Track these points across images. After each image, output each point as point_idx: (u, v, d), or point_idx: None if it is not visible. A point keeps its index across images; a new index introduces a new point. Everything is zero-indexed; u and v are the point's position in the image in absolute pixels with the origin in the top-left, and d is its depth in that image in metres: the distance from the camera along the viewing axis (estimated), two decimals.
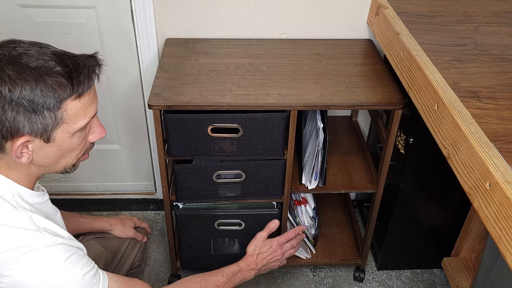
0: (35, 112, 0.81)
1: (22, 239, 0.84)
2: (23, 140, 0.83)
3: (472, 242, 1.60)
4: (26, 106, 0.80)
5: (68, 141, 0.89)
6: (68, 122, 0.86)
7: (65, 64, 0.84)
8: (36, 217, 0.87)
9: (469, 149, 0.90)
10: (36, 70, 0.81)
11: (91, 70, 0.88)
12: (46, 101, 0.81)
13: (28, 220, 0.86)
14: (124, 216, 1.41)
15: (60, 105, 0.83)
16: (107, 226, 1.33)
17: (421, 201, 1.62)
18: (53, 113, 0.83)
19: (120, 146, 1.95)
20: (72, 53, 0.88)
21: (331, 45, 1.63)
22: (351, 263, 1.78)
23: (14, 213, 0.86)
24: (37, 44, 0.85)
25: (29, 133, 0.83)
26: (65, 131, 0.87)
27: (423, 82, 1.12)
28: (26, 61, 0.81)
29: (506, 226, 0.78)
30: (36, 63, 0.81)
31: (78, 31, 1.63)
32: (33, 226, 0.85)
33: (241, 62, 1.49)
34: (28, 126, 0.82)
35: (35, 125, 0.82)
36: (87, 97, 0.88)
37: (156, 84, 1.37)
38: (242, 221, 1.57)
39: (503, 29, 1.35)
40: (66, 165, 0.94)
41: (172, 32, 1.64)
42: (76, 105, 0.86)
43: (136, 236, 1.37)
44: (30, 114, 0.81)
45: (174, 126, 1.33)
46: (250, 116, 1.33)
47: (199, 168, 1.44)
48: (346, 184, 1.55)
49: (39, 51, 0.83)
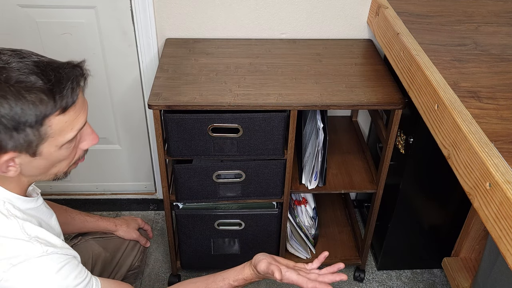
0: (17, 130, 0.78)
1: (12, 249, 0.82)
2: (7, 157, 0.80)
3: (472, 242, 1.60)
4: (6, 124, 0.77)
5: (56, 153, 0.86)
6: (54, 136, 0.83)
7: (47, 77, 0.80)
8: (28, 225, 0.85)
9: (469, 149, 0.90)
10: (16, 87, 0.77)
11: (75, 83, 0.83)
12: (27, 119, 0.78)
13: (19, 229, 0.84)
14: (129, 217, 1.40)
15: (43, 122, 0.80)
16: (112, 226, 1.33)
17: (421, 201, 1.62)
18: (36, 129, 0.80)
19: (120, 146, 1.95)
20: (57, 63, 0.84)
21: (331, 45, 1.63)
22: (351, 263, 1.78)
23: (5, 222, 0.83)
24: (18, 54, 0.81)
25: (13, 149, 0.80)
26: (52, 144, 0.84)
27: (423, 82, 1.12)
28: (6, 76, 0.77)
29: (506, 226, 0.78)
30: (16, 79, 0.77)
31: (78, 31, 1.63)
32: (24, 236, 0.83)
33: (241, 62, 1.49)
34: (11, 143, 0.79)
35: (18, 142, 0.79)
36: (72, 111, 0.84)
37: (156, 84, 1.37)
38: (242, 221, 1.57)
39: (503, 29, 1.35)
40: (57, 173, 0.92)
41: (172, 32, 1.64)
42: (61, 120, 0.82)
43: (140, 239, 1.37)
44: (11, 132, 0.78)
45: (174, 126, 1.33)
46: (250, 116, 1.33)
47: (199, 168, 1.44)
48: (346, 184, 1.55)
49: (20, 63, 0.79)
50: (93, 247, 1.27)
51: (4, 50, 0.81)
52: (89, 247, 1.26)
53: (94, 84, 1.75)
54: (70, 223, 1.27)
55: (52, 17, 1.59)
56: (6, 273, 0.80)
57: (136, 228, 1.38)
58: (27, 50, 0.84)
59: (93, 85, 1.74)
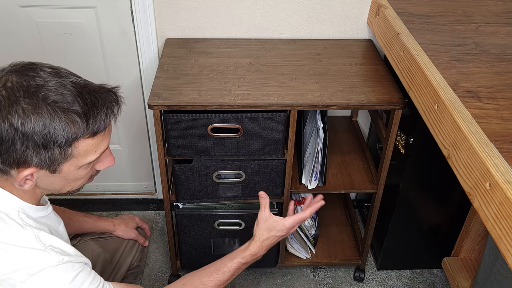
0: (45, 148, 0.80)
1: (29, 259, 0.83)
2: (29, 172, 0.82)
3: (472, 242, 1.60)
4: (37, 142, 0.79)
5: (74, 173, 0.88)
6: (77, 157, 0.85)
7: (84, 100, 0.82)
8: (43, 234, 0.86)
9: (469, 149, 0.90)
10: (52, 107, 0.78)
11: (110, 110, 0.86)
12: (58, 139, 0.80)
13: (34, 238, 0.85)
14: (127, 216, 1.41)
15: (72, 143, 0.82)
16: (111, 226, 1.33)
17: (421, 201, 1.62)
18: (63, 150, 0.82)
19: (120, 146, 1.95)
20: (92, 86, 0.86)
21: (331, 45, 1.63)
22: (351, 263, 1.78)
23: (21, 231, 0.85)
24: (57, 73, 0.83)
25: (36, 165, 0.82)
26: (73, 164, 0.86)
27: (423, 82, 1.12)
28: (44, 95, 0.79)
29: (506, 226, 0.78)
30: (53, 98, 0.79)
31: (78, 31, 1.63)
32: (40, 245, 0.84)
33: (241, 62, 1.49)
34: (36, 159, 0.81)
35: (43, 159, 0.81)
36: (101, 135, 0.86)
37: (156, 84, 1.37)
38: (242, 221, 1.57)
39: (503, 29, 1.35)
40: (71, 190, 0.94)
41: (172, 32, 1.64)
42: (88, 143, 0.84)
43: (138, 238, 1.37)
44: (39, 149, 0.80)
45: (174, 126, 1.33)
46: (250, 116, 1.33)
47: (199, 168, 1.44)
48: (346, 184, 1.55)
49: (59, 83, 0.81)
50: (93, 248, 1.27)
51: (44, 67, 0.83)
52: (88, 247, 1.26)
53: None
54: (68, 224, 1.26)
55: (52, 17, 1.59)
56: (25, 283, 0.81)
57: (134, 227, 1.38)
58: (65, 68, 0.86)
59: None
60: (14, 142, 0.78)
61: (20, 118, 0.77)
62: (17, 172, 0.82)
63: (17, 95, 0.78)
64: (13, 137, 0.78)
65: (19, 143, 0.78)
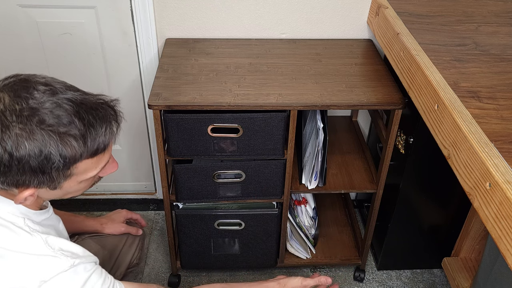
0: (43, 172, 0.78)
1: (41, 266, 0.82)
2: (28, 193, 0.81)
3: (472, 242, 1.60)
4: (33, 167, 0.77)
5: (76, 186, 0.87)
6: (77, 175, 0.84)
7: (81, 120, 0.78)
8: (51, 239, 0.86)
9: (469, 149, 0.90)
10: (46, 131, 0.75)
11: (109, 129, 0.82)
12: (55, 164, 0.78)
13: (43, 244, 0.84)
14: (112, 213, 1.39)
15: (70, 166, 0.80)
16: (98, 226, 1.33)
17: (421, 201, 1.62)
18: (61, 172, 0.80)
19: (120, 146, 1.95)
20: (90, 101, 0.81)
21: (331, 45, 1.63)
22: (351, 263, 1.78)
23: (29, 239, 0.84)
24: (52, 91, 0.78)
25: (36, 186, 0.81)
26: (74, 181, 0.85)
27: (423, 82, 1.12)
28: (38, 119, 0.75)
29: (506, 226, 0.78)
30: (49, 121, 0.75)
31: (78, 31, 1.63)
32: (49, 251, 0.84)
33: (241, 62, 1.49)
34: (35, 182, 0.79)
35: (41, 180, 0.80)
36: (101, 154, 0.84)
37: (156, 84, 1.37)
38: (242, 221, 1.57)
39: (503, 29, 1.35)
40: (73, 197, 0.93)
41: (172, 32, 1.64)
42: (88, 162, 0.83)
43: (129, 230, 1.35)
44: (37, 173, 0.78)
45: (174, 126, 1.33)
46: (250, 116, 1.32)
47: (199, 168, 1.44)
48: (346, 184, 1.55)
49: (54, 103, 0.77)
50: (91, 246, 1.27)
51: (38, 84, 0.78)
52: (86, 246, 1.25)
53: (94, 84, 1.75)
54: None
55: (52, 17, 1.59)
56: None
57: (122, 221, 1.36)
58: (60, 82, 0.82)
59: (93, 85, 1.75)
60: (10, 167, 0.76)
61: (14, 144, 0.74)
62: (18, 191, 0.81)
63: (10, 119, 0.74)
64: (9, 162, 0.75)
65: (15, 168, 0.76)
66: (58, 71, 1.70)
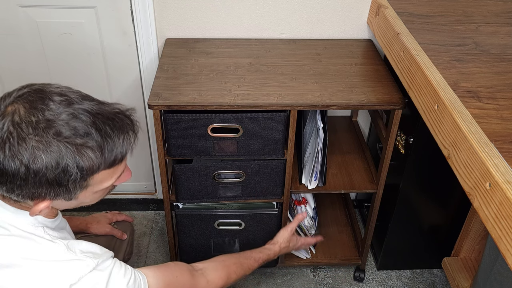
0: (60, 185, 0.77)
1: (67, 270, 0.84)
2: (44, 205, 0.80)
3: (472, 242, 1.60)
4: (50, 179, 0.76)
5: (91, 197, 0.87)
6: (93, 185, 0.83)
7: (98, 131, 0.77)
8: (71, 243, 0.87)
9: (469, 149, 0.90)
10: (64, 143, 0.74)
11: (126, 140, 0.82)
12: (72, 176, 0.77)
13: (66, 249, 0.85)
14: (98, 214, 1.41)
15: (87, 178, 0.80)
16: (83, 225, 1.34)
17: (421, 201, 1.62)
18: (79, 184, 0.80)
19: None
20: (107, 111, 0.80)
21: (331, 45, 1.63)
22: (351, 263, 1.78)
23: (52, 246, 0.85)
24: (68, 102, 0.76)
25: (51, 198, 0.80)
26: (89, 191, 0.84)
27: (423, 82, 1.12)
28: (55, 131, 0.74)
29: (506, 226, 0.78)
30: (66, 133, 0.74)
31: (78, 31, 1.63)
32: (72, 255, 0.85)
33: (241, 62, 1.49)
34: (51, 194, 0.79)
35: (58, 192, 0.79)
36: (118, 165, 0.84)
37: (156, 84, 1.37)
38: (242, 221, 1.57)
39: (503, 29, 1.35)
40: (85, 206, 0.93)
41: (172, 32, 1.64)
42: (104, 173, 0.82)
43: (113, 232, 1.37)
44: (53, 186, 0.77)
45: (174, 126, 1.33)
46: (250, 116, 1.32)
47: (199, 168, 1.44)
48: (346, 184, 1.55)
49: (71, 115, 0.75)
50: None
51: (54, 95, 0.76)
52: None
53: (94, 84, 1.75)
54: None
55: (52, 17, 1.59)
56: None
57: (107, 223, 1.38)
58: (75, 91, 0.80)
59: (93, 85, 1.76)
60: (27, 180, 0.75)
61: (31, 157, 0.73)
62: (33, 203, 0.81)
63: (26, 132, 0.73)
64: (25, 175, 0.74)
65: (31, 181, 0.75)
66: (58, 71, 1.70)
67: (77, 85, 0.85)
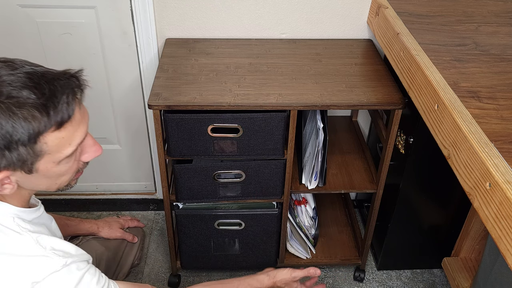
0: (9, 149, 0.74)
1: (32, 267, 0.80)
2: (1, 176, 0.77)
3: (472, 242, 1.60)
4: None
5: (55, 169, 0.82)
6: (51, 153, 0.78)
7: (40, 91, 0.74)
8: (42, 238, 0.83)
9: (469, 149, 0.90)
10: (6, 103, 0.72)
11: (71, 96, 0.78)
12: (19, 137, 0.73)
13: (34, 244, 0.82)
14: (111, 218, 1.40)
15: (37, 139, 0.75)
16: (95, 229, 1.32)
17: (421, 201, 1.62)
18: (29, 147, 0.75)
19: (120, 146, 1.95)
20: (52, 73, 0.78)
21: (331, 45, 1.63)
22: (351, 263, 1.78)
23: (19, 239, 0.82)
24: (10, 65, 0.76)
25: (6, 168, 0.76)
26: (49, 161, 0.80)
27: (423, 82, 1.12)
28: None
29: (506, 226, 0.78)
30: (6, 94, 0.72)
31: (78, 31, 1.63)
32: (40, 251, 0.82)
33: (241, 62, 1.49)
34: (3, 162, 0.75)
35: (11, 160, 0.75)
36: (69, 126, 0.79)
37: (156, 84, 1.37)
38: (242, 221, 1.57)
39: (503, 29, 1.35)
40: (60, 187, 0.89)
41: (172, 32, 1.64)
42: (57, 136, 0.78)
43: (125, 236, 1.36)
44: (3, 151, 0.74)
45: (174, 126, 1.33)
46: (250, 116, 1.32)
47: (199, 168, 1.44)
48: (346, 184, 1.55)
49: (12, 76, 0.74)
50: (96, 247, 1.28)
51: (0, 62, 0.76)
52: (92, 247, 1.27)
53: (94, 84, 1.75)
54: None
55: (52, 17, 1.59)
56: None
57: (119, 227, 1.37)
58: (21, 59, 0.79)
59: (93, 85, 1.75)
60: None
61: None
62: None
63: None
64: None
65: None
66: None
67: None
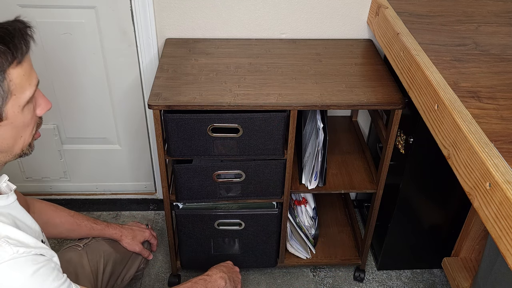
0: None
1: None
2: None
3: (472, 242, 1.60)
4: None
5: (20, 115, 0.83)
6: (16, 94, 0.80)
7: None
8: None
9: (469, 149, 0.90)
10: None
11: (23, 32, 0.83)
12: None
13: None
14: (137, 228, 1.41)
15: (4, 75, 0.78)
16: (118, 236, 1.34)
17: (421, 201, 1.62)
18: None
19: (120, 146, 1.95)
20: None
21: (331, 45, 1.63)
22: (351, 263, 1.78)
23: None
24: None
25: None
26: (15, 104, 0.81)
27: (423, 82, 1.12)
28: None
29: (506, 226, 0.78)
30: None
31: (78, 31, 1.63)
32: None
33: (241, 62, 1.49)
34: None
35: None
36: (26, 63, 0.82)
37: (156, 84, 1.37)
38: (242, 221, 1.57)
39: (503, 29, 1.35)
40: (23, 146, 0.88)
41: (172, 32, 1.64)
42: (19, 73, 0.80)
43: (142, 252, 1.38)
44: None
45: (174, 126, 1.33)
46: (250, 116, 1.33)
47: (199, 168, 1.44)
48: (346, 184, 1.55)
49: None
50: (105, 248, 1.29)
51: None
52: (100, 247, 1.29)
53: (94, 84, 1.76)
54: (76, 230, 1.28)
55: (52, 17, 1.59)
56: None
57: (142, 241, 1.39)
58: None
59: (93, 85, 1.76)
60: None
61: None
62: None
63: None
64: None
65: None
66: (58, 71, 1.70)
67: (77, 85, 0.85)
